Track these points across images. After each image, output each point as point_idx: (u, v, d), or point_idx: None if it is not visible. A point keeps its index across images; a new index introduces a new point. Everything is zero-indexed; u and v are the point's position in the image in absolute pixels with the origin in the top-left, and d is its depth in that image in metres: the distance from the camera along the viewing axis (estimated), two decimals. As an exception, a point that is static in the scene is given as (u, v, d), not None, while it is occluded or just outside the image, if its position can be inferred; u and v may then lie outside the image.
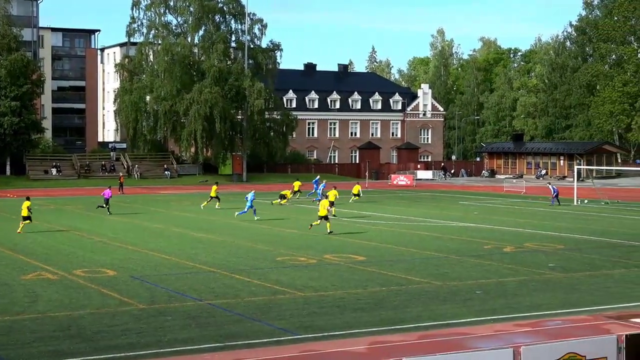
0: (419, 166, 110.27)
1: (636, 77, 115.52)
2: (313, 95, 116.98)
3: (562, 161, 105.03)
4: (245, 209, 47.22)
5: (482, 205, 59.96)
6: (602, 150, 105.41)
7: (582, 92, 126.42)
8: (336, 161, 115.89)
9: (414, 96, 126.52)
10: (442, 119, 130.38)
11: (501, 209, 55.97)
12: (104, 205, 50.53)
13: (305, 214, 51.05)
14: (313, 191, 65.15)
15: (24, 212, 39.48)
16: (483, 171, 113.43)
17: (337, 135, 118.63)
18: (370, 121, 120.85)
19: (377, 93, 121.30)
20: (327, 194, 50.92)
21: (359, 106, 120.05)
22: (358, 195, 60.69)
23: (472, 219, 47.92)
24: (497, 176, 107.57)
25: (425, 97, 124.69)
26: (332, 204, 47.32)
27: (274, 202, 57.94)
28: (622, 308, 21.46)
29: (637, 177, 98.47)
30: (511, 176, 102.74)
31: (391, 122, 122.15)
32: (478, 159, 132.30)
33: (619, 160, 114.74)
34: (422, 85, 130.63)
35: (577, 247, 34.25)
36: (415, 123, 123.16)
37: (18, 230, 39.20)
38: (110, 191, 52.37)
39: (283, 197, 58.39)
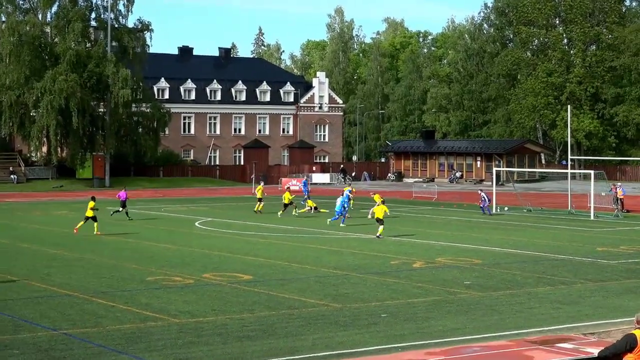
0: (314, 168, 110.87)
1: (562, 66, 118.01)
2: (190, 84, 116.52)
3: (479, 162, 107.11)
4: (341, 216, 50.34)
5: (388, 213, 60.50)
6: (524, 149, 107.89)
7: (501, 83, 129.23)
8: (217, 162, 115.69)
9: (309, 86, 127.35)
10: (342, 113, 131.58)
11: (410, 218, 56.68)
12: (120, 210, 52.86)
13: (177, 225, 50.74)
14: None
15: (89, 213, 43.66)
16: (389, 174, 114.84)
17: (218, 131, 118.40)
18: (257, 115, 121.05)
19: (265, 82, 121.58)
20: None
21: (243, 97, 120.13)
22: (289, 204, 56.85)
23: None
24: (405, 180, 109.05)
25: (321, 87, 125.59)
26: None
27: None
28: (547, 332, 21.97)
29: (563, 181, 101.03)
30: (421, 180, 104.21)
31: (282, 116, 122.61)
32: (383, 159, 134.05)
33: (543, 161, 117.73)
34: (318, 74, 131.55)
35: (496, 262, 34.92)
36: (310, 118, 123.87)
37: (75, 229, 44.05)
38: (126, 192, 54.32)
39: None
